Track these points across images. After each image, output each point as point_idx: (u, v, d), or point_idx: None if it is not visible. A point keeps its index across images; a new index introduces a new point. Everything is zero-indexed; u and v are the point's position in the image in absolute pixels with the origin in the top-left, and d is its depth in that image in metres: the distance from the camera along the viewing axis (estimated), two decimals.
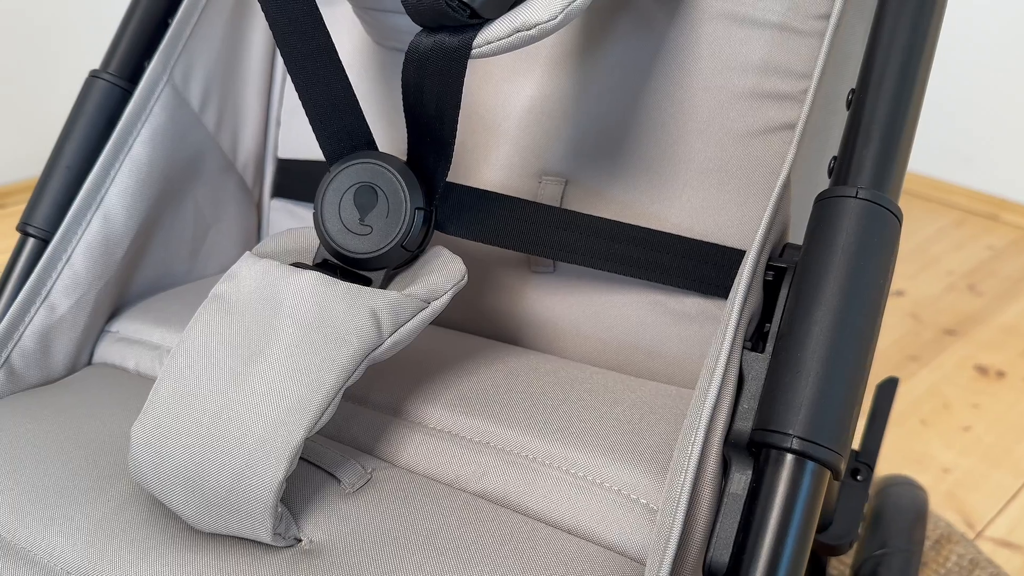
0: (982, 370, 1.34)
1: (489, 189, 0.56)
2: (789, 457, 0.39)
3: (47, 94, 1.71)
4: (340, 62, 0.48)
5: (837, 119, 0.49)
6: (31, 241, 0.59)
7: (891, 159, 0.43)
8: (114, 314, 0.63)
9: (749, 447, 0.41)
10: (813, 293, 0.41)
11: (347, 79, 0.48)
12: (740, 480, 0.41)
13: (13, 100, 1.71)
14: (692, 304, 0.56)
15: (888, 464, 1.15)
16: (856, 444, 0.77)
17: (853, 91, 0.46)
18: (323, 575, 0.42)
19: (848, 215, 0.41)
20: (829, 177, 0.46)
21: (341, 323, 0.44)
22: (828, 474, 0.40)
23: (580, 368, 0.56)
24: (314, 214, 0.50)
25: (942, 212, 1.80)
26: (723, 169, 0.55)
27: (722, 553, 0.40)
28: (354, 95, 0.49)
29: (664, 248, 0.55)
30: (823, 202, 0.43)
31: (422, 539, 0.43)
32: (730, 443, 0.42)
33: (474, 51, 0.43)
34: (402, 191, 0.49)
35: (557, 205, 0.58)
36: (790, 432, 0.39)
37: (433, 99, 0.46)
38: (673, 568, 0.40)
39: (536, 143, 0.60)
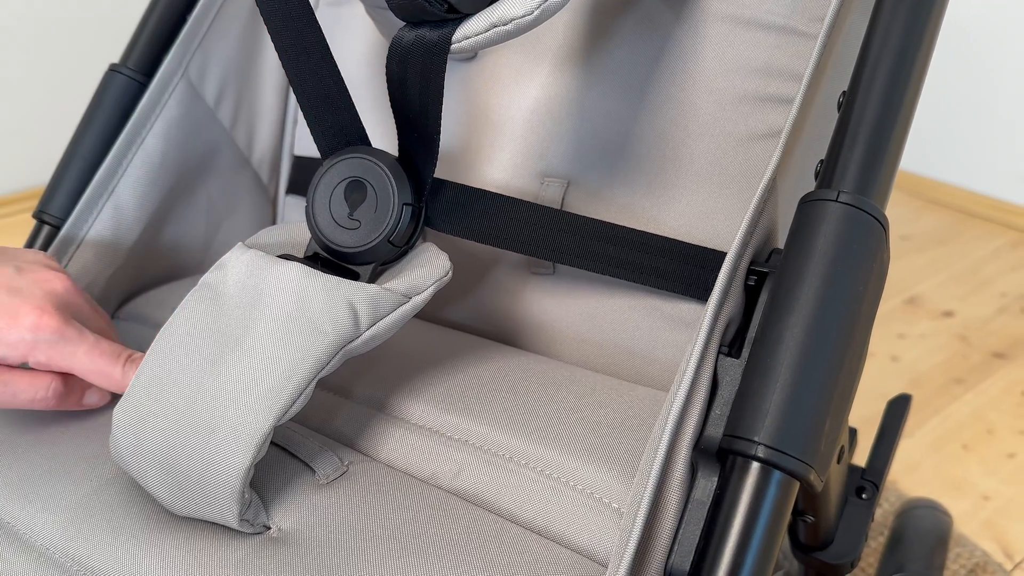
0: None
1: (491, 189, 0.56)
2: (755, 465, 0.38)
3: None
4: (332, 59, 0.49)
5: (833, 123, 0.48)
6: (45, 228, 0.61)
7: (877, 163, 0.41)
8: (124, 302, 0.64)
9: (717, 454, 0.40)
10: (787, 298, 0.39)
11: (339, 75, 0.49)
12: (705, 487, 0.40)
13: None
14: (688, 309, 0.55)
15: (925, 489, 1.11)
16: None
17: (845, 93, 0.44)
18: (286, 562, 0.42)
19: (828, 219, 0.40)
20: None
21: (318, 314, 0.44)
22: (797, 485, 0.39)
23: (571, 370, 0.55)
24: (306, 208, 0.50)
25: (999, 232, 1.74)
26: (723, 173, 0.54)
27: (683, 560, 0.39)
28: (347, 91, 0.49)
29: (661, 252, 0.54)
30: (804, 205, 0.41)
31: (388, 533, 0.43)
32: (699, 449, 0.41)
33: (454, 46, 0.43)
34: (390, 186, 0.49)
35: (558, 207, 0.58)
36: (756, 439, 0.38)
37: (416, 93, 0.46)
38: (634, 574, 0.39)
39: (539, 144, 0.59)
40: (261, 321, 0.45)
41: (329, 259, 0.50)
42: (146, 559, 0.42)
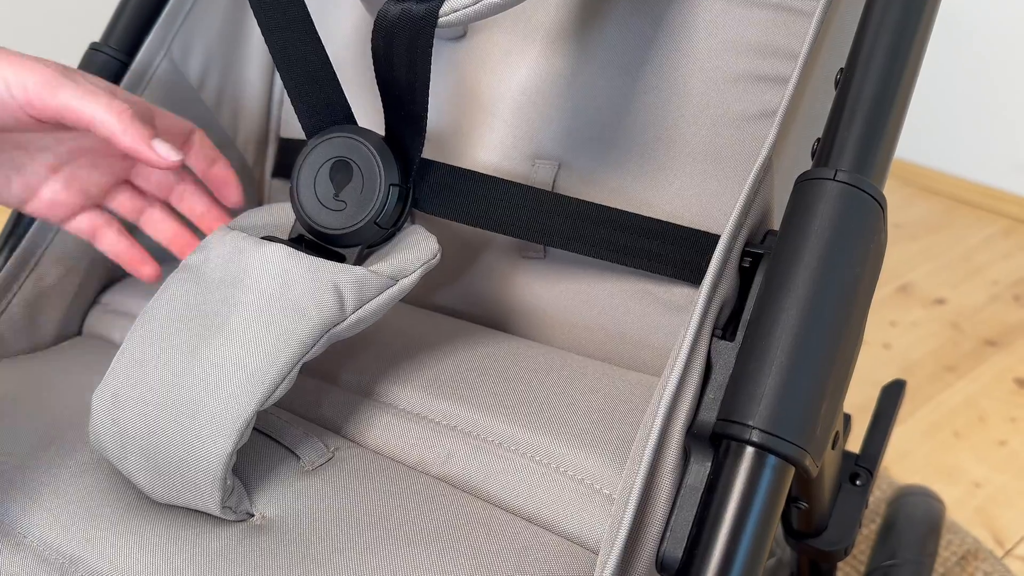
0: (1022, 383, 1.29)
1: (481, 171, 0.55)
2: (749, 450, 0.37)
3: None
4: (316, 34, 0.47)
5: (830, 102, 0.47)
6: None
7: (875, 142, 0.40)
8: (107, 286, 0.63)
9: (711, 439, 0.39)
10: (782, 280, 0.38)
11: (324, 52, 0.48)
12: (698, 472, 0.39)
13: None
14: (680, 294, 0.54)
15: (917, 476, 1.11)
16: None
17: (842, 70, 0.43)
18: (270, 550, 0.41)
19: (824, 198, 0.39)
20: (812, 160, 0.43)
21: (302, 296, 0.43)
22: (792, 470, 0.38)
23: (561, 355, 0.54)
24: (290, 188, 0.49)
25: (991, 220, 1.74)
26: (717, 155, 0.53)
27: (675, 548, 0.38)
28: (331, 68, 0.48)
29: (653, 235, 0.53)
30: (800, 185, 0.40)
31: (374, 520, 0.42)
32: (692, 434, 0.40)
33: (441, 19, 0.42)
34: (377, 167, 0.48)
35: (549, 189, 0.57)
36: (750, 424, 0.37)
37: (403, 70, 0.45)
38: (626, 561, 0.38)
39: (530, 125, 0.58)
40: (244, 304, 0.43)
41: (314, 241, 0.49)
42: (125, 547, 0.41)
